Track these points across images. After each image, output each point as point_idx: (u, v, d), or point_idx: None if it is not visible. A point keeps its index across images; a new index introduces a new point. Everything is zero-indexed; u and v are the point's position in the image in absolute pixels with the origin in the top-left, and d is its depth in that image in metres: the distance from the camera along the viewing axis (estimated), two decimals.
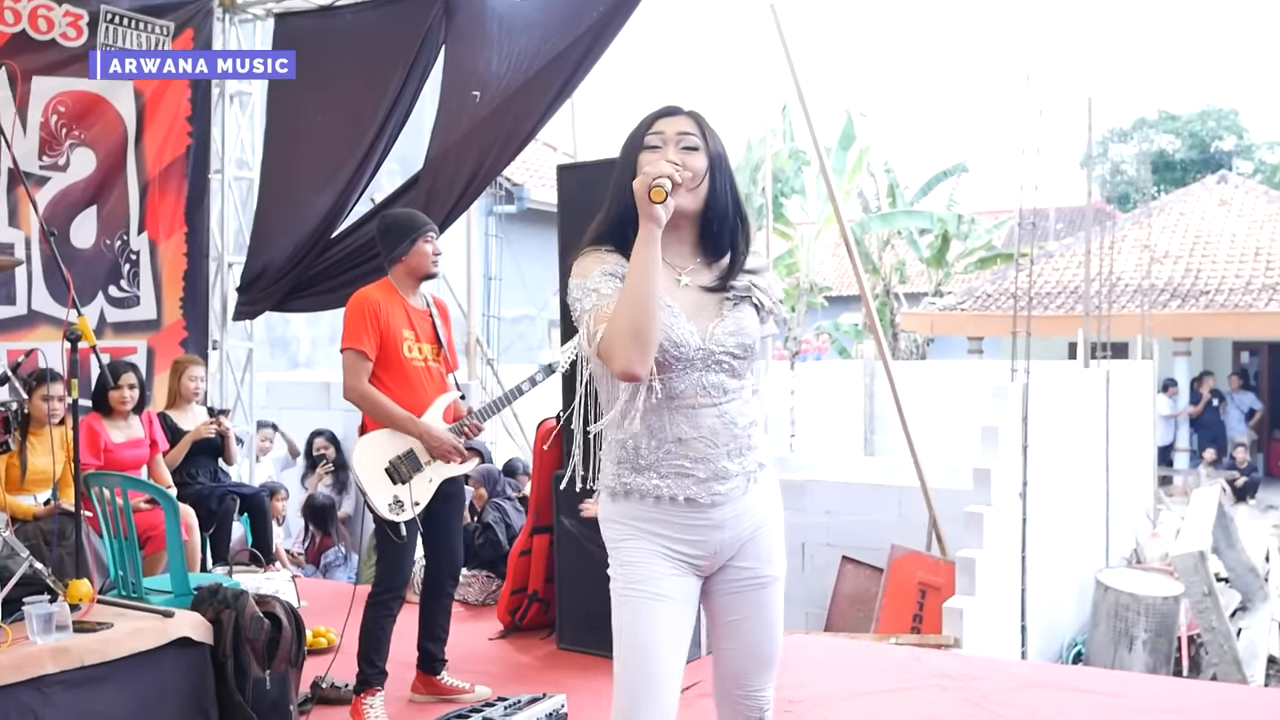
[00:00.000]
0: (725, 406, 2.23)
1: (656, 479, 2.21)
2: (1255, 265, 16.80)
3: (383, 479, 3.94)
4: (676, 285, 2.23)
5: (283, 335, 11.44)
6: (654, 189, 2.06)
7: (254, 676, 3.81)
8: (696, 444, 2.20)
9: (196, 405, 5.98)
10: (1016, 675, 4.76)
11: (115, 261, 6.34)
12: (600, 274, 2.18)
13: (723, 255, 2.28)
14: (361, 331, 3.94)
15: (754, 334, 2.27)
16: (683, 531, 2.23)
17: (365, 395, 3.95)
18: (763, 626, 2.34)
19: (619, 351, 2.07)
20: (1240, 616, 9.19)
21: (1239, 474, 14.98)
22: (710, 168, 2.23)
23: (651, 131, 2.25)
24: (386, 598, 4.03)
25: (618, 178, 2.26)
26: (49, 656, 3.29)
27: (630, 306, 2.07)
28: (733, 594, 2.32)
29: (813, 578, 8.24)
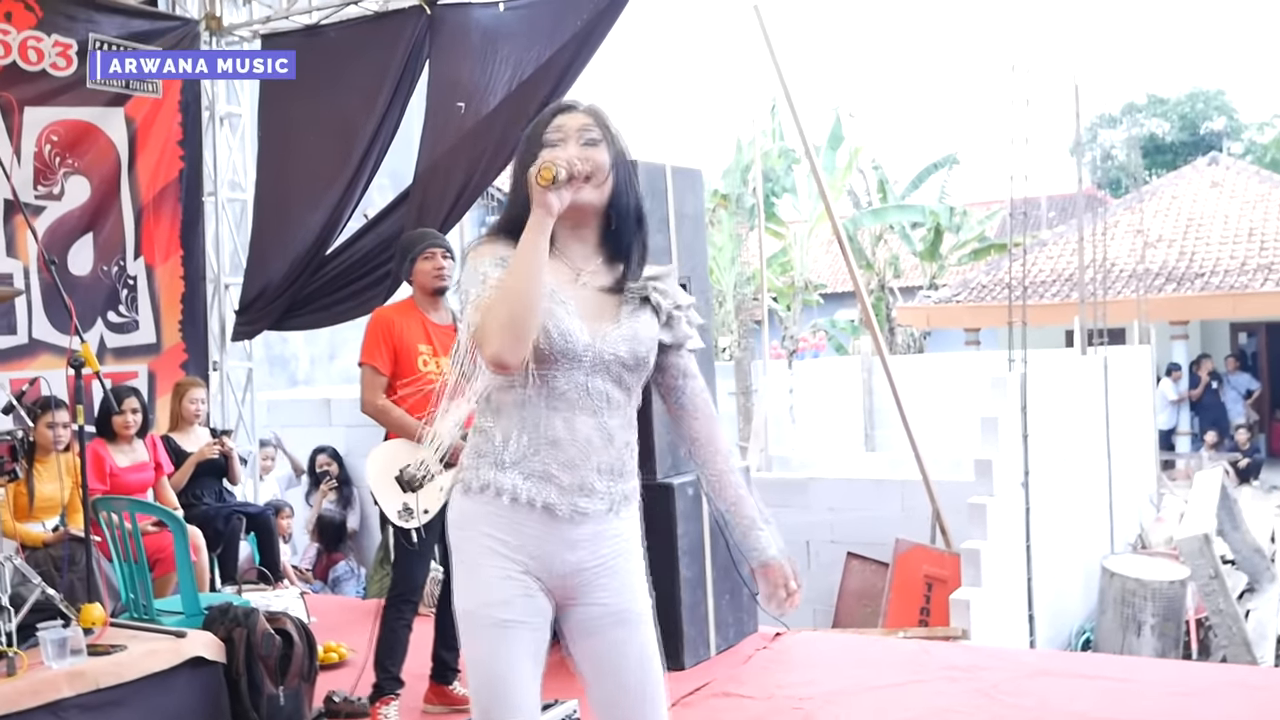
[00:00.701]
0: (606, 419, 2.11)
1: (518, 478, 2.07)
2: (1249, 246, 16.82)
3: (393, 486, 4.02)
4: (574, 283, 2.13)
5: (281, 354, 11.46)
6: (543, 168, 1.99)
7: (268, 693, 3.84)
8: (568, 449, 2.08)
9: (199, 427, 6.01)
10: (1026, 664, 4.79)
11: (113, 287, 6.37)
12: (491, 261, 2.09)
13: (622, 256, 2.18)
14: (375, 349, 4.11)
15: (649, 344, 2.16)
16: (532, 543, 2.09)
17: (380, 408, 4.10)
18: (634, 667, 2.15)
19: (492, 337, 1.97)
20: (1248, 598, 9.20)
21: (1241, 455, 14.99)
22: (614, 163, 2.15)
23: (551, 128, 2.16)
24: (400, 603, 4.10)
25: (515, 175, 2.16)
26: (65, 681, 3.32)
27: (508, 292, 1.98)
28: (593, 634, 2.16)
29: (818, 575, 8.26)
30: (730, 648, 4.84)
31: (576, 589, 2.15)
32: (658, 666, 2.20)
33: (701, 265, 5.04)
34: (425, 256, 4.19)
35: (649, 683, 2.17)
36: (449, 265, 4.21)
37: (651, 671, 2.18)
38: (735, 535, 2.27)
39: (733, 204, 16.18)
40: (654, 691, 2.17)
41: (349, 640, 5.15)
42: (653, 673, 2.18)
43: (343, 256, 6.47)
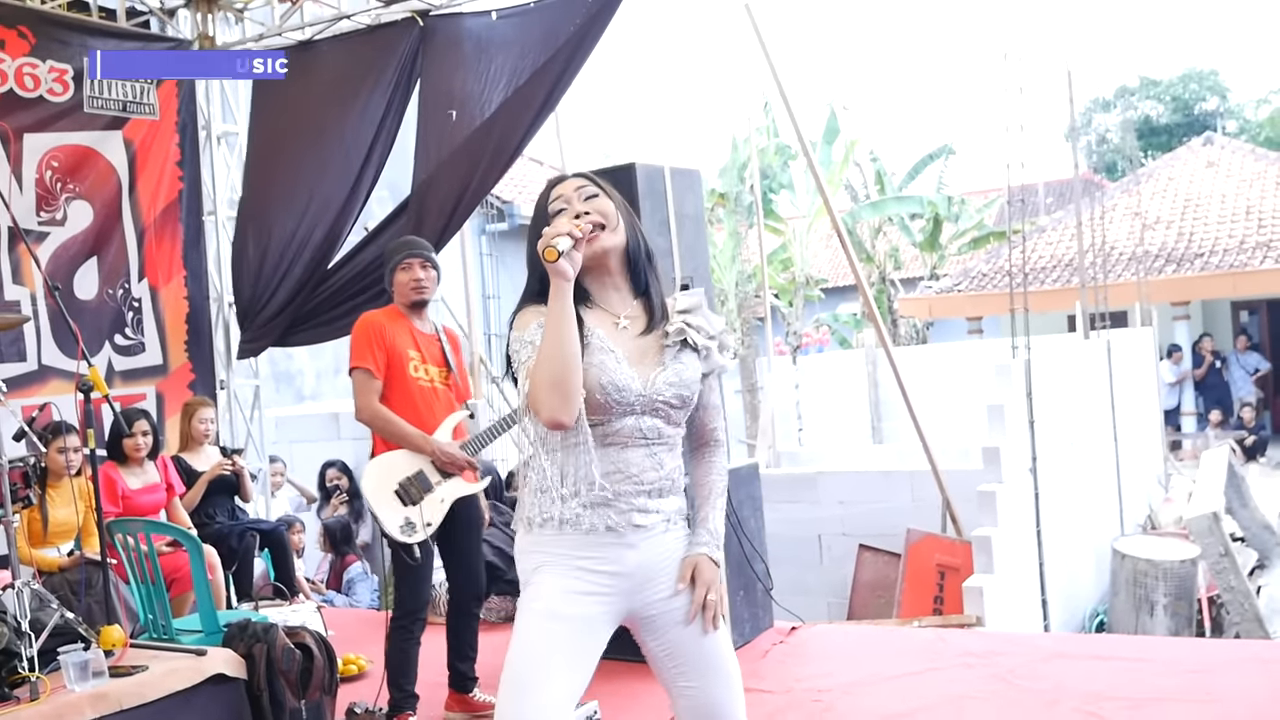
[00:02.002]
0: (656, 448, 2.27)
1: (579, 508, 2.23)
2: (1247, 224, 16.83)
3: (393, 501, 3.96)
4: (617, 329, 2.29)
5: (287, 370, 11.49)
6: (547, 250, 2.12)
7: (290, 707, 3.86)
8: (622, 481, 2.24)
9: (209, 446, 6.04)
10: (1041, 648, 4.80)
11: (119, 310, 6.40)
12: (535, 327, 2.23)
13: (644, 292, 2.35)
14: (367, 351, 3.99)
15: (694, 385, 2.31)
16: (598, 550, 2.24)
17: (377, 414, 3.99)
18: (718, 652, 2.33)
19: (542, 402, 2.14)
20: (1259, 574, 9.22)
21: (1247, 433, 14.99)
22: (617, 207, 2.32)
23: (552, 199, 2.33)
24: (407, 622, 4.06)
25: (530, 254, 2.32)
26: (88, 703, 3.34)
27: (547, 359, 2.13)
28: (672, 627, 2.31)
29: (831, 568, 8.28)
30: (747, 643, 4.86)
31: (645, 585, 2.28)
32: (735, 660, 2.37)
33: (703, 266, 5.06)
34: (403, 267, 4.10)
35: (732, 664, 2.34)
36: (428, 276, 4.11)
37: (730, 658, 2.35)
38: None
39: (731, 202, 16.20)
40: (733, 676, 2.35)
41: (367, 652, 5.17)
42: (731, 659, 2.35)
43: (344, 270, 6.50)
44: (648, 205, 4.65)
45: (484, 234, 13.44)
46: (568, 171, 2.44)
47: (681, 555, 2.32)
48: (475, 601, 4.29)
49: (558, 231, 2.16)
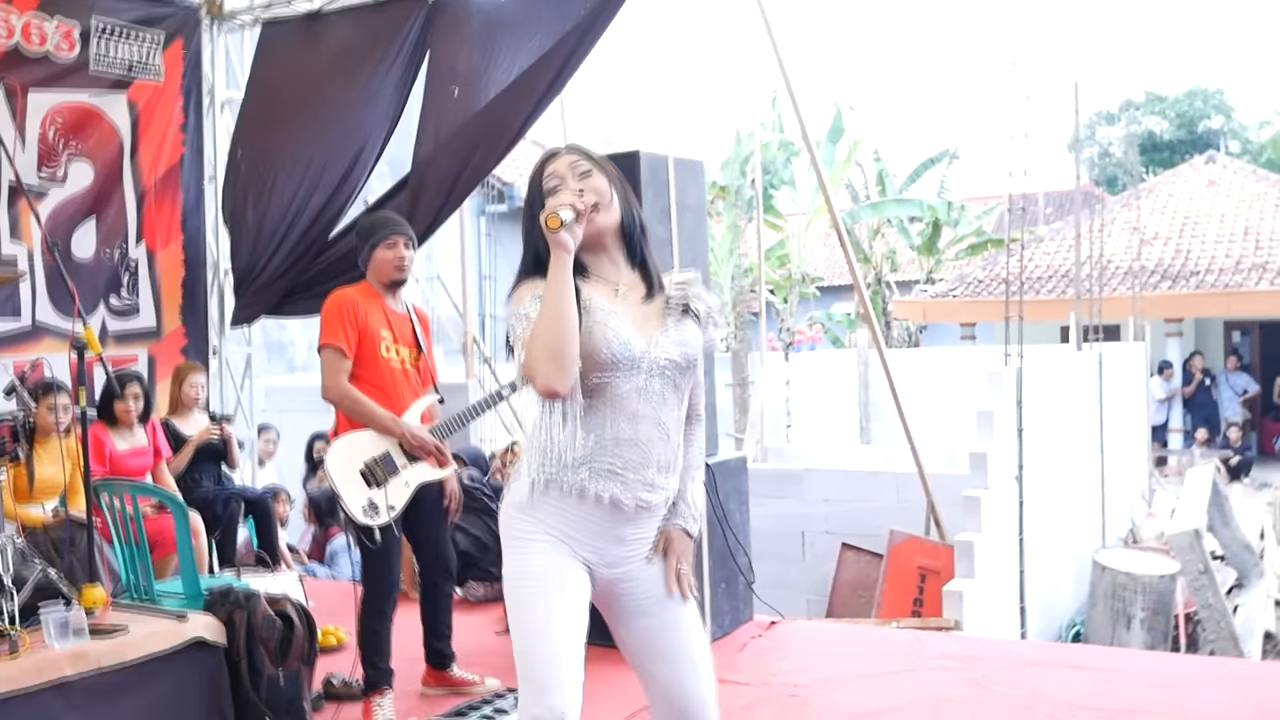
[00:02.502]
0: (663, 417, 2.29)
1: (585, 474, 2.24)
2: (1245, 245, 16.88)
3: (357, 482, 3.89)
4: (615, 296, 2.31)
5: (279, 340, 11.49)
6: (549, 218, 2.15)
7: (268, 675, 3.86)
8: (631, 448, 2.25)
9: (198, 412, 6.04)
10: (1017, 655, 4.84)
11: (115, 271, 6.39)
12: (531, 299, 2.25)
13: (640, 263, 2.38)
14: (339, 329, 3.89)
15: (696, 346, 2.34)
16: (591, 536, 2.27)
17: (346, 394, 3.91)
18: (689, 641, 2.36)
19: (538, 370, 2.15)
20: (1236, 593, 9.26)
21: (1233, 453, 15.07)
22: (612, 184, 2.33)
23: (546, 176, 2.35)
24: (378, 603, 4.02)
25: (526, 231, 2.36)
26: (67, 661, 3.34)
27: (544, 327, 2.15)
28: (647, 614, 2.35)
29: (813, 565, 8.30)
30: (726, 635, 4.88)
31: (624, 577, 2.33)
32: (706, 640, 2.42)
33: (702, 257, 5.07)
34: (387, 244, 4.01)
35: (701, 658, 2.38)
36: (409, 256, 4.05)
37: (704, 648, 2.39)
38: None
39: (731, 195, 16.18)
40: (707, 667, 2.38)
41: (347, 624, 5.17)
42: (705, 649, 2.39)
43: (342, 243, 6.47)
44: (650, 194, 4.65)
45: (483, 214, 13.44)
46: (556, 148, 2.44)
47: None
48: (447, 580, 4.27)
49: (561, 203, 2.19)
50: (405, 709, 4.07)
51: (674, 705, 2.35)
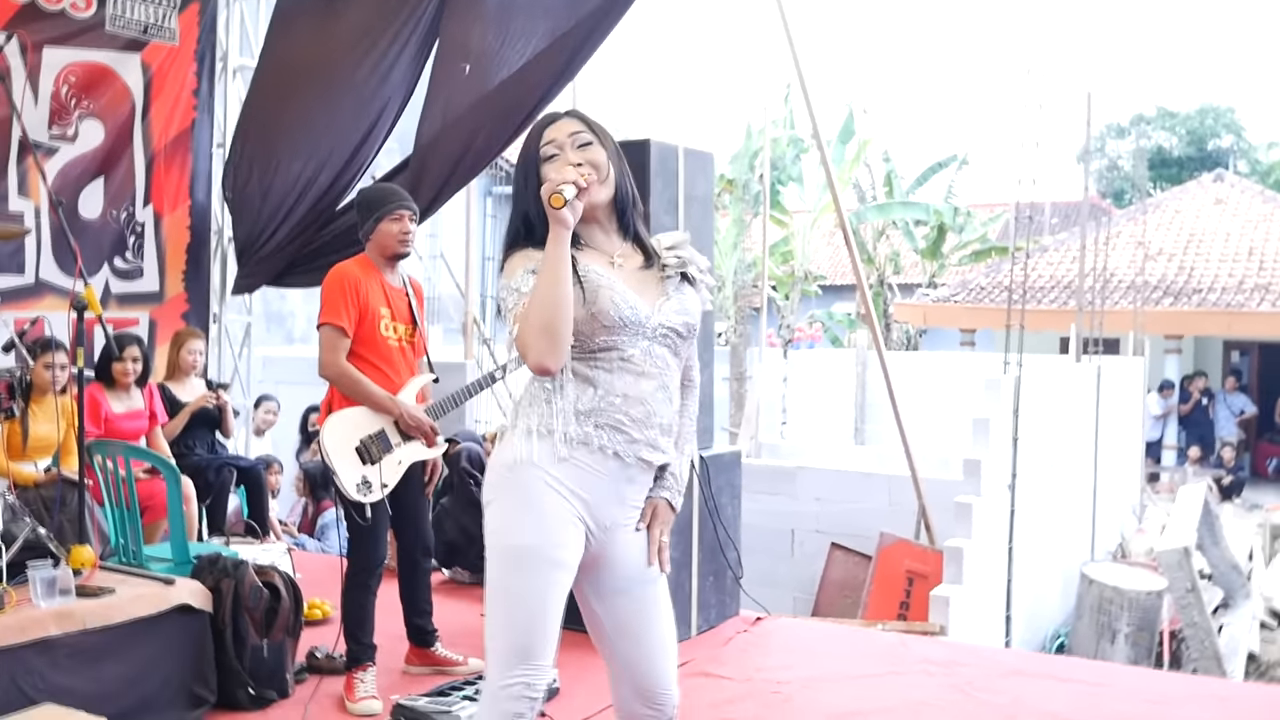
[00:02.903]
0: (667, 380, 2.29)
1: (591, 427, 2.22)
2: (1249, 265, 16.87)
3: (352, 458, 3.90)
4: (611, 266, 2.29)
5: (279, 311, 11.48)
6: (553, 196, 2.12)
7: (252, 645, 3.88)
8: (638, 405, 2.24)
9: (195, 378, 6.02)
10: (1001, 663, 4.83)
11: (121, 233, 6.37)
12: (523, 273, 2.22)
13: (633, 233, 2.37)
14: (340, 307, 3.88)
15: (697, 314, 2.35)
16: (589, 491, 2.23)
17: (344, 373, 3.91)
18: (659, 623, 2.36)
19: (531, 345, 2.12)
20: (1222, 613, 9.28)
21: (1226, 473, 15.08)
22: (609, 156, 2.31)
23: (544, 143, 2.30)
24: (364, 578, 4.02)
25: (516, 190, 2.34)
26: (52, 619, 3.34)
27: (539, 302, 2.12)
28: (623, 592, 2.34)
29: (801, 563, 8.31)
30: (711, 629, 4.88)
31: (610, 545, 2.30)
32: (673, 624, 2.41)
33: (707, 249, 5.05)
34: (394, 218, 3.99)
35: (669, 638, 2.38)
36: (413, 231, 4.05)
37: (671, 628, 2.39)
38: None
39: (739, 189, 16.17)
40: (673, 647, 2.39)
41: (333, 598, 5.16)
42: (671, 629, 2.40)
43: (346, 217, 6.45)
44: (659, 183, 4.64)
45: (489, 195, 13.41)
46: (555, 112, 2.39)
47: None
48: (425, 557, 4.26)
49: (564, 179, 2.16)
50: (387, 685, 4.07)
51: (638, 684, 2.35)
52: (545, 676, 2.19)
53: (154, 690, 3.61)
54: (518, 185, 2.33)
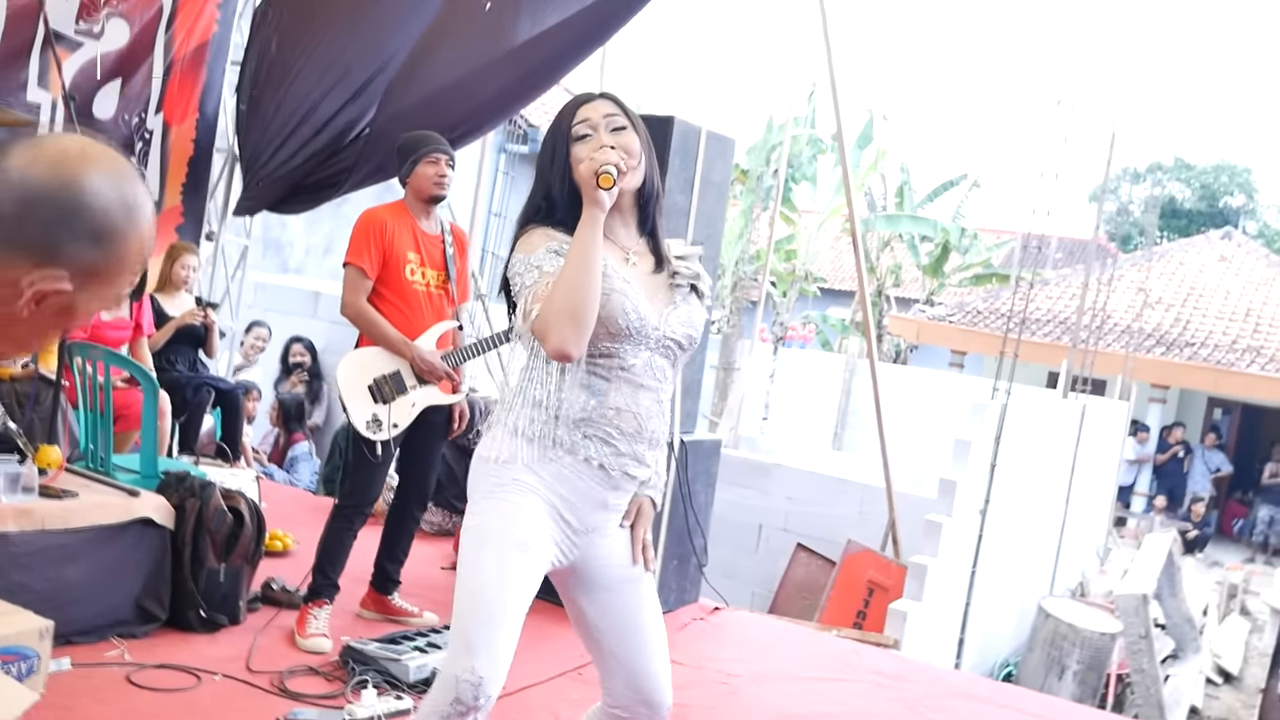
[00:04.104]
0: (660, 393, 2.24)
1: (579, 435, 2.16)
2: (1244, 325, 16.93)
3: (365, 396, 3.95)
4: (625, 264, 2.23)
5: (278, 238, 11.39)
6: (602, 175, 2.07)
7: (209, 567, 3.86)
8: (629, 419, 2.19)
9: (185, 293, 5.97)
10: (950, 684, 4.84)
11: (130, 138, 6.28)
12: (545, 251, 2.16)
13: (650, 229, 2.32)
14: (365, 249, 3.94)
15: (700, 328, 2.30)
16: (572, 495, 2.18)
17: (361, 312, 3.96)
18: (649, 620, 2.32)
19: (554, 330, 2.04)
20: (1171, 664, 9.34)
21: (1193, 527, 15.18)
22: (642, 144, 2.25)
23: (577, 121, 2.24)
24: (350, 513, 4.03)
25: (541, 165, 2.28)
26: (11, 516, 3.31)
27: (569, 287, 2.05)
28: (609, 589, 2.29)
29: (765, 560, 8.30)
30: (669, 612, 4.86)
31: (593, 546, 2.25)
32: (663, 622, 2.37)
33: (716, 234, 5.02)
34: (429, 160, 4.04)
35: (660, 636, 2.34)
36: (450, 175, 4.08)
37: (660, 626, 2.35)
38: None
39: (752, 181, 16.10)
40: (664, 644, 2.35)
41: (296, 532, 5.16)
42: (661, 627, 2.35)
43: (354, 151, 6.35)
44: (677, 162, 4.60)
45: (503, 152, 13.32)
46: (589, 93, 2.34)
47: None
48: (419, 507, 4.29)
49: (608, 160, 2.10)
50: (339, 626, 4.04)
51: (633, 683, 2.30)
52: (495, 675, 2.08)
53: (106, 600, 3.59)
54: (544, 160, 2.27)
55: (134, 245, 1.25)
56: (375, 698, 3.32)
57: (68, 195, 1.19)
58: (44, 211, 1.18)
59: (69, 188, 1.19)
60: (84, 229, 1.20)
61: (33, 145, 1.21)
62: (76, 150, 1.22)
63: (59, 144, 1.23)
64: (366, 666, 3.57)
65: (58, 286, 1.21)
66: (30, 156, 1.20)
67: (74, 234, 1.20)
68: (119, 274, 1.26)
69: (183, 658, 3.55)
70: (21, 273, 1.19)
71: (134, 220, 1.24)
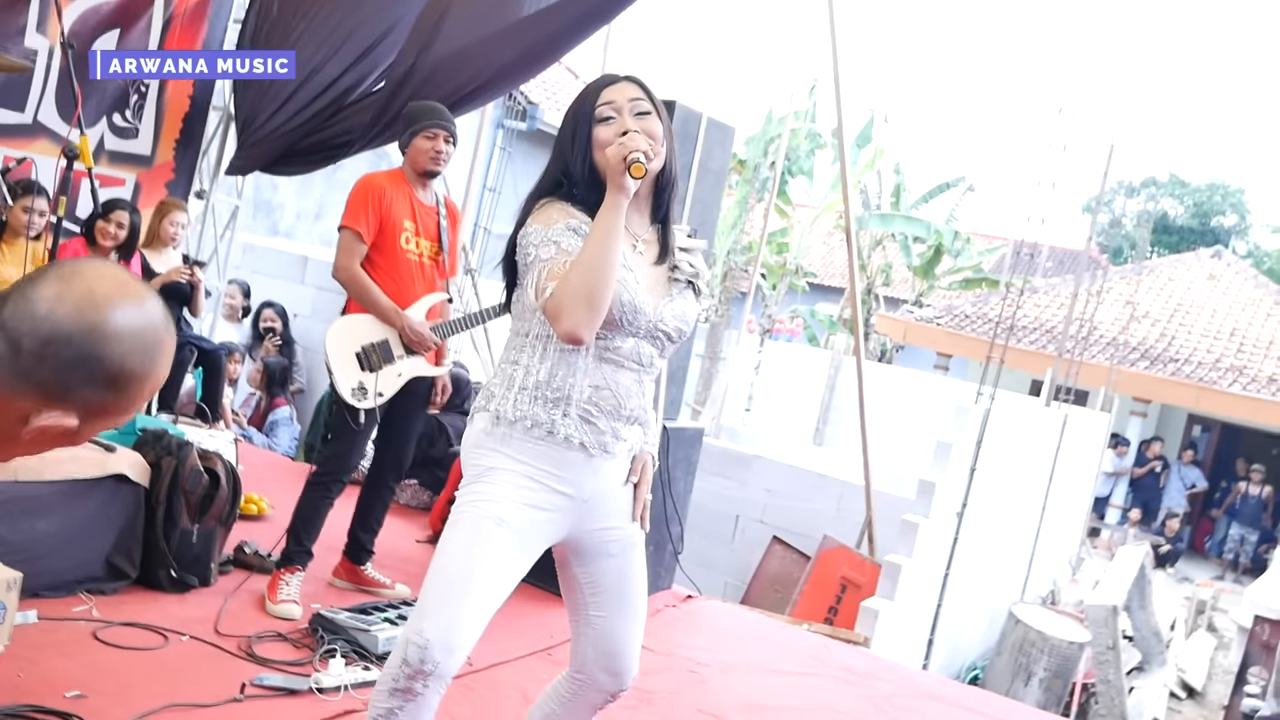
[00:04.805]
0: (644, 375, 2.24)
1: (558, 415, 2.15)
2: (1229, 344, 17.01)
3: (351, 362, 3.92)
4: (633, 251, 2.22)
5: (269, 200, 11.31)
6: (635, 164, 2.05)
7: (182, 528, 3.82)
8: (609, 398, 2.18)
9: (172, 250, 5.91)
10: (917, 684, 4.85)
11: (125, 90, 6.20)
12: (564, 227, 2.13)
13: (662, 218, 2.30)
14: (361, 213, 3.90)
15: (692, 323, 2.30)
16: (562, 467, 2.17)
17: (355, 277, 3.92)
18: (637, 587, 2.32)
19: (568, 312, 2.03)
20: (1136, 675, 9.40)
21: (1165, 541, 15.27)
22: (664, 133, 2.23)
23: (601, 102, 2.21)
24: (328, 480, 4.01)
25: (561, 142, 2.25)
26: None
27: (588, 270, 2.03)
28: (608, 556, 2.28)
29: (740, 550, 8.31)
30: None
31: (592, 512, 2.23)
32: (646, 596, 2.38)
33: (711, 222, 5.01)
34: (427, 135, 3.99)
35: (641, 609, 2.35)
36: (447, 151, 4.03)
37: (644, 600, 2.36)
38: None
39: (749, 171, 16.08)
40: (643, 618, 2.37)
41: (271, 496, 5.14)
42: (644, 601, 2.36)
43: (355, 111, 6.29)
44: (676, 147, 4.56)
45: (501, 127, 13.25)
46: (614, 74, 2.31)
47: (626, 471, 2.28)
48: (395, 477, 4.27)
49: (637, 147, 2.07)
50: (310, 593, 4.02)
51: (605, 650, 2.30)
52: (446, 642, 2.05)
53: (76, 554, 3.56)
54: (563, 137, 2.25)
55: (148, 388, 1.26)
56: (343, 667, 3.30)
57: (90, 341, 1.18)
58: (63, 354, 1.18)
59: (92, 332, 1.18)
60: (100, 376, 1.20)
61: (65, 277, 1.21)
62: (105, 290, 1.21)
63: (89, 281, 1.21)
64: (336, 636, 3.54)
65: (63, 423, 1.21)
66: (58, 291, 1.19)
67: (90, 380, 1.19)
68: (128, 411, 1.27)
69: (151, 617, 3.52)
70: (30, 408, 1.19)
71: (151, 369, 1.24)
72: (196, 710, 2.93)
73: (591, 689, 2.35)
